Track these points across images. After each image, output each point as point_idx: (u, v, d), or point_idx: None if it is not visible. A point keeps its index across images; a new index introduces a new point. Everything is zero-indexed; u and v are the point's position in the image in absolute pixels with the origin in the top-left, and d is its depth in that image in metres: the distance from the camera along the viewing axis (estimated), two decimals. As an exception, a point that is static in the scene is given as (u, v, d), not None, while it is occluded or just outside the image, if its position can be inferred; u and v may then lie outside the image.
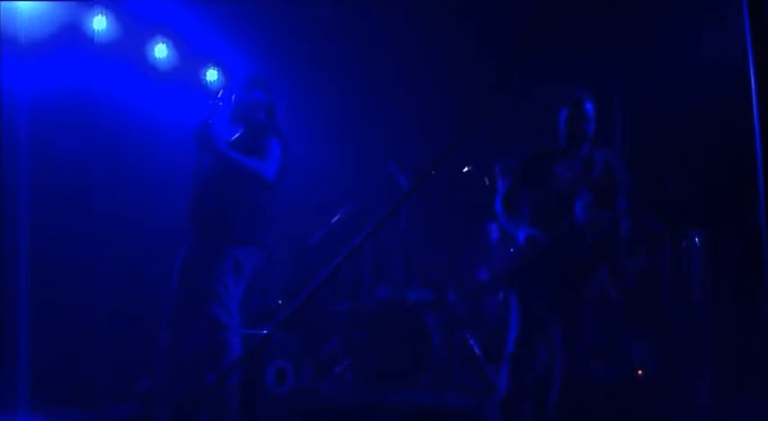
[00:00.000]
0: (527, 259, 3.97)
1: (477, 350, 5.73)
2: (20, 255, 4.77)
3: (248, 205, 4.18)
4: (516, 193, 4.12)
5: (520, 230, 3.98)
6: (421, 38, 6.30)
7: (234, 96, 4.37)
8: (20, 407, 4.67)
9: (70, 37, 5.41)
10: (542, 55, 3.82)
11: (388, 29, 6.31)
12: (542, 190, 4.02)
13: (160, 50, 5.97)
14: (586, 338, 3.93)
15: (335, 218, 6.31)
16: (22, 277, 4.77)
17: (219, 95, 4.17)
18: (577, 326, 3.91)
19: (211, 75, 6.37)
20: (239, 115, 4.36)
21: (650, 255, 5.53)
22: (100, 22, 5.56)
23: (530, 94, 5.17)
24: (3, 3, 4.72)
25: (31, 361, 4.78)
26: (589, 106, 3.98)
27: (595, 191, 3.92)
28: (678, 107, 5.63)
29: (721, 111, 4.92)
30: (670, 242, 5.48)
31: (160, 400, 4.37)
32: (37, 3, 5.05)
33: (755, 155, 1.70)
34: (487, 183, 5.83)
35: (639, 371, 5.00)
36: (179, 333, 4.16)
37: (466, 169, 6.08)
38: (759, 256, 1.78)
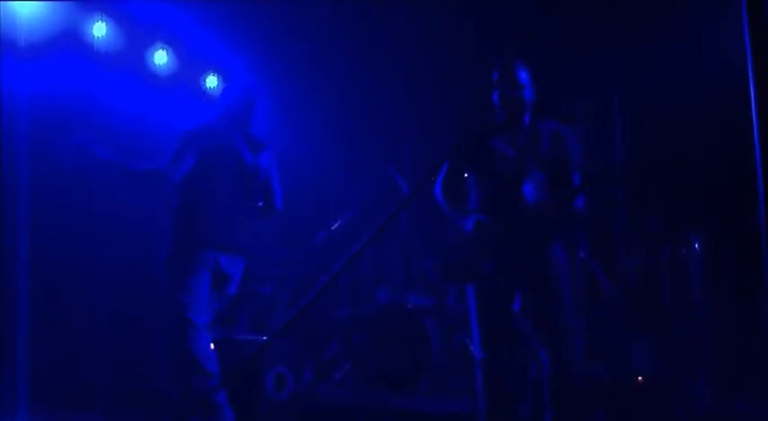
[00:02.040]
0: (478, 248, 3.63)
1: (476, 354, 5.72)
2: (20, 255, 4.77)
3: (226, 211, 4.25)
4: (456, 177, 3.81)
5: (466, 218, 3.67)
6: (421, 39, 6.30)
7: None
8: (20, 409, 4.66)
9: (70, 41, 5.41)
10: (542, 55, 3.80)
11: (387, 30, 6.31)
12: (485, 171, 3.71)
13: (160, 57, 5.99)
14: (568, 330, 3.59)
15: (336, 224, 6.30)
16: (22, 277, 4.77)
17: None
18: (551, 315, 3.57)
19: (211, 81, 6.39)
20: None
21: (650, 254, 5.51)
22: (100, 29, 5.56)
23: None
24: (2, 3, 4.72)
25: (30, 362, 4.77)
26: (522, 73, 3.68)
27: (546, 168, 3.63)
28: (678, 107, 5.62)
29: (721, 112, 4.92)
30: (670, 242, 5.47)
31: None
32: (37, 4, 5.05)
33: (755, 155, 1.70)
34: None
35: (639, 378, 4.99)
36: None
37: (466, 175, 6.06)
38: (759, 256, 1.78)
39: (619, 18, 5.59)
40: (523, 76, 3.70)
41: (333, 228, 6.30)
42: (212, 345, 5.07)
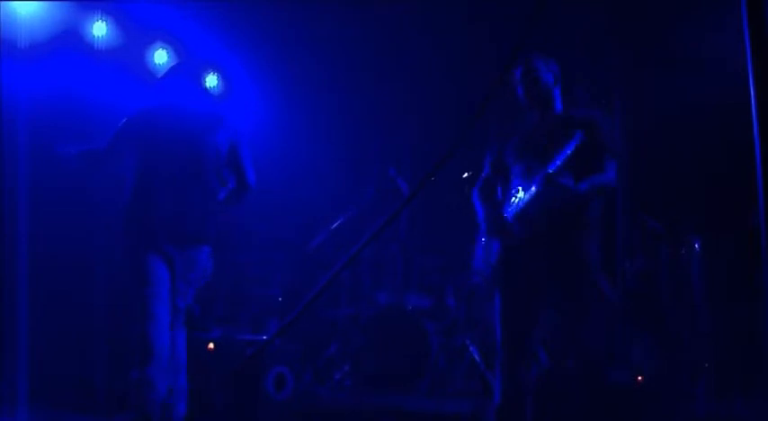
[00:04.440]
0: (504, 248, 3.62)
1: (476, 355, 5.72)
2: (20, 255, 4.77)
3: (179, 198, 4.09)
4: (492, 182, 3.80)
5: (498, 227, 3.62)
6: (422, 40, 6.30)
7: None
8: (19, 410, 4.66)
9: (70, 41, 5.42)
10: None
11: (388, 31, 6.31)
12: (516, 167, 3.66)
13: (160, 56, 6.00)
14: (593, 334, 3.54)
15: (335, 224, 6.31)
16: (22, 277, 4.77)
17: None
18: (579, 322, 3.53)
19: (211, 80, 6.39)
20: None
21: (650, 256, 5.51)
22: (100, 28, 5.57)
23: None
24: (2, 3, 4.73)
25: (30, 363, 4.76)
26: (541, 66, 3.64)
27: (574, 157, 3.48)
28: (678, 108, 5.61)
29: (721, 112, 4.91)
30: (669, 243, 5.46)
31: None
32: (37, 4, 5.05)
33: (755, 156, 1.70)
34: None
35: (639, 377, 4.98)
36: None
37: (466, 175, 6.06)
38: (758, 257, 1.77)
39: (619, 18, 5.59)
40: (546, 68, 3.67)
41: (332, 227, 6.31)
42: (211, 345, 5.09)
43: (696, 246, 5.34)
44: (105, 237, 5.44)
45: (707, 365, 5.06)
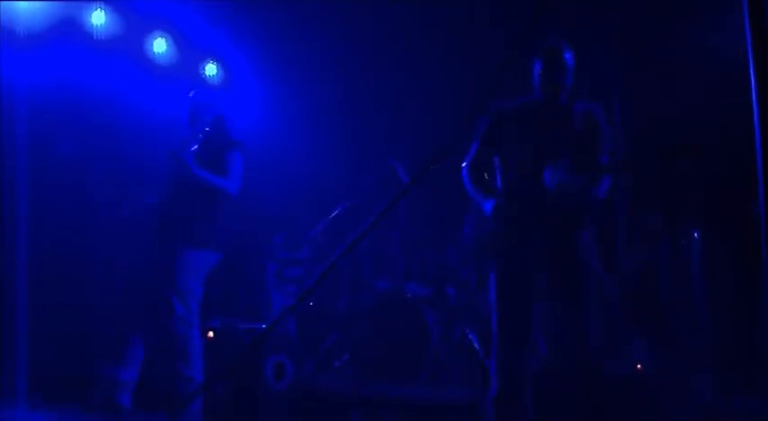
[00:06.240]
0: (498, 233, 3.60)
1: (476, 344, 5.73)
2: (19, 246, 4.78)
3: (207, 213, 4.48)
4: (483, 157, 3.74)
5: (488, 201, 3.61)
6: (423, 33, 6.28)
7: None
8: (19, 405, 4.67)
9: (69, 31, 5.41)
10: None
11: (389, 25, 6.29)
12: (513, 152, 3.63)
13: (159, 45, 5.98)
14: (585, 326, 3.52)
15: (334, 213, 6.31)
16: (21, 271, 4.78)
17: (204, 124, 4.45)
18: (572, 311, 3.51)
19: (210, 69, 6.37)
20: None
21: (649, 251, 5.51)
22: (99, 17, 5.56)
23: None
24: (2, -2, 4.73)
25: (30, 359, 4.77)
26: (567, 55, 3.59)
27: (575, 149, 3.50)
28: (678, 103, 5.60)
29: (721, 108, 4.91)
30: (669, 238, 5.46)
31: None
32: (36, -3, 5.05)
33: (756, 150, 1.70)
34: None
35: (639, 365, 4.99)
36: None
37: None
38: (758, 254, 1.77)
39: (619, 18, 5.57)
40: (568, 59, 3.61)
41: (331, 216, 6.31)
42: (211, 334, 5.14)
43: (696, 242, 5.34)
44: (105, 237, 5.46)
45: (706, 362, 5.06)
